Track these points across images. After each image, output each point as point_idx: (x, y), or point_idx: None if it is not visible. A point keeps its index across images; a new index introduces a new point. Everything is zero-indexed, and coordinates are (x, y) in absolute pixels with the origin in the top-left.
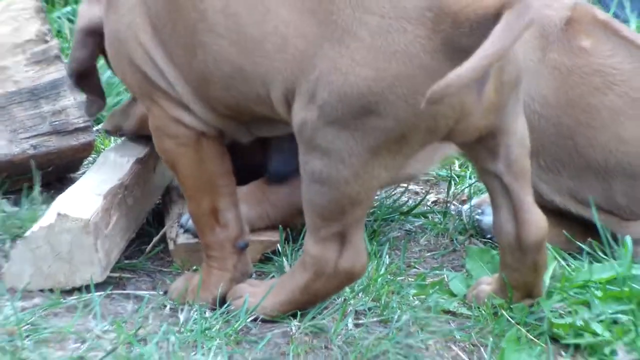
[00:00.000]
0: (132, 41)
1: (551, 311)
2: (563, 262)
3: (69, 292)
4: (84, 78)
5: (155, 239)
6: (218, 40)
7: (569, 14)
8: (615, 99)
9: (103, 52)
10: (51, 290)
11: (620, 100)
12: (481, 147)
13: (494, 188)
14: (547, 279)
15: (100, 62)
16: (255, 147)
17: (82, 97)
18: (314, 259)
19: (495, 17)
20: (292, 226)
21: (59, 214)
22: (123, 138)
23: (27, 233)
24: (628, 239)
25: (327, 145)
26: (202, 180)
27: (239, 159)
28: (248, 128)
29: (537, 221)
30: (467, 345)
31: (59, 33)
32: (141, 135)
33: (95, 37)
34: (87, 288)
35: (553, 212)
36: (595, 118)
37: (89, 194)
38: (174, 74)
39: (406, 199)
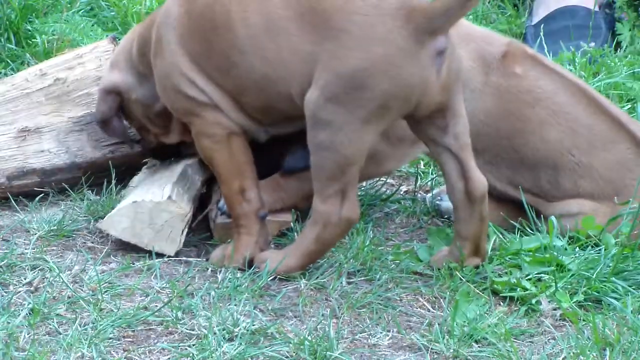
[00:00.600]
0: (177, 74)
1: (492, 272)
2: (500, 236)
3: (136, 258)
4: (106, 125)
5: (198, 218)
6: (247, 58)
7: (505, 48)
8: (540, 111)
9: (121, 108)
10: (123, 255)
11: (544, 112)
12: (435, 126)
13: (445, 158)
14: (489, 249)
15: None
16: (274, 149)
17: None
18: (322, 214)
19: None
20: (300, 209)
21: (169, 197)
22: None
23: (139, 200)
24: (553, 219)
25: (328, 117)
26: (232, 167)
27: (261, 158)
28: (266, 129)
29: (480, 179)
30: (431, 298)
31: None
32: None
33: (113, 96)
34: (150, 254)
35: (494, 198)
36: (526, 125)
37: (182, 193)
38: (212, 89)
39: (385, 189)
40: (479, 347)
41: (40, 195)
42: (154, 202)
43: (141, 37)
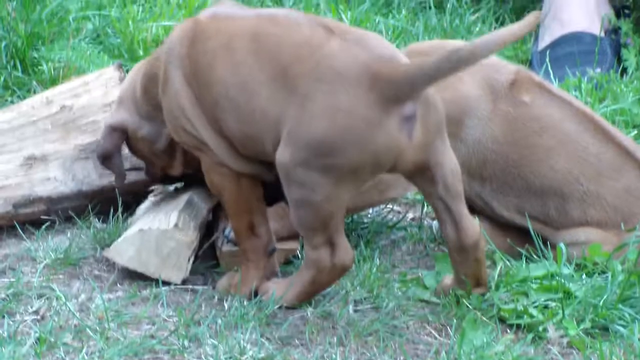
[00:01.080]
0: (181, 115)
1: (499, 299)
2: (507, 263)
3: (143, 286)
4: (107, 159)
5: (205, 246)
6: (227, 116)
7: (513, 77)
8: (548, 140)
9: (127, 142)
10: (130, 284)
11: (552, 140)
12: (423, 178)
13: (438, 207)
14: (495, 275)
15: None
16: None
17: None
18: (314, 261)
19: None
20: None
21: (175, 225)
22: None
23: (146, 228)
24: (562, 246)
25: (300, 179)
26: (241, 203)
27: (268, 190)
28: (270, 170)
29: (471, 228)
30: (438, 325)
31: None
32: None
33: (119, 133)
34: (157, 282)
35: (501, 225)
36: (534, 153)
37: (189, 221)
38: (211, 135)
39: (391, 216)
40: None
41: (47, 224)
42: (161, 230)
43: (145, 77)
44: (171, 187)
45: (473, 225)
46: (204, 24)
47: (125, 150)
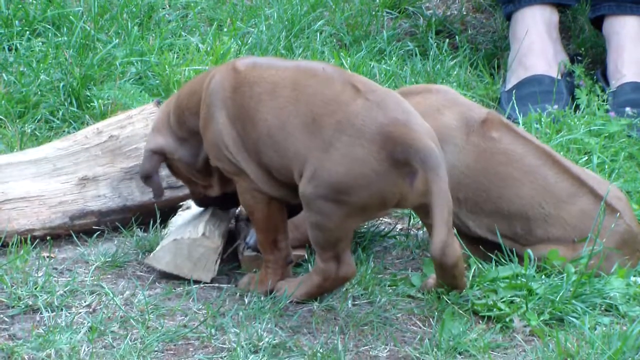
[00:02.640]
0: (223, 148)
1: (473, 296)
2: (480, 266)
3: (177, 284)
4: (148, 179)
5: (229, 251)
6: (267, 150)
7: (485, 116)
8: (513, 171)
9: (167, 164)
10: (166, 282)
11: (517, 172)
12: (420, 212)
13: (430, 229)
14: (469, 277)
15: None
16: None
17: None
18: (322, 271)
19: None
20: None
21: (203, 234)
22: None
23: (179, 238)
24: (529, 251)
25: (319, 208)
26: (269, 223)
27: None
28: (295, 196)
29: (454, 250)
30: (422, 317)
31: None
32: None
33: (158, 156)
34: (188, 281)
35: (476, 239)
36: (501, 181)
37: (214, 230)
38: (253, 168)
39: (383, 227)
40: (462, 358)
41: (98, 233)
42: (191, 238)
43: (177, 108)
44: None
45: (455, 250)
46: (245, 72)
47: (163, 172)
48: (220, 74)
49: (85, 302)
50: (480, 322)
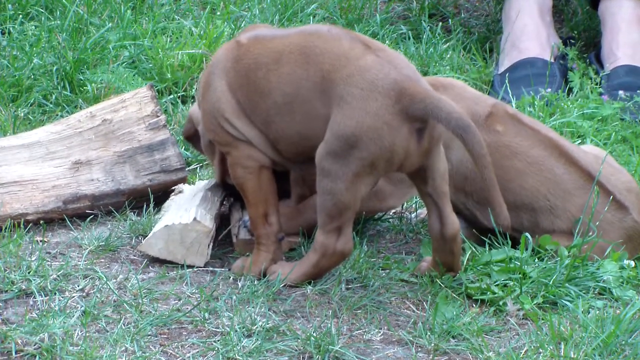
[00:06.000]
0: (220, 116)
1: (466, 279)
2: (474, 249)
3: (171, 268)
4: (189, 140)
5: (222, 234)
6: (284, 118)
7: (489, 109)
8: (518, 163)
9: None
10: (160, 266)
11: (521, 164)
12: (419, 177)
13: (427, 202)
14: (464, 261)
15: None
16: (283, 179)
17: (178, 149)
18: (321, 245)
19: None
20: (310, 233)
21: (194, 219)
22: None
23: (170, 224)
24: (527, 234)
25: (328, 167)
26: (259, 195)
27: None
28: (300, 166)
29: (453, 223)
30: (415, 301)
31: (165, 111)
32: None
33: (190, 122)
34: (182, 265)
35: (477, 228)
36: (506, 174)
37: (205, 214)
38: (254, 133)
39: None
40: (455, 341)
41: (91, 217)
42: (183, 224)
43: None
44: (187, 186)
45: (453, 222)
46: (248, 44)
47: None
48: (224, 48)
49: (78, 286)
50: (474, 305)
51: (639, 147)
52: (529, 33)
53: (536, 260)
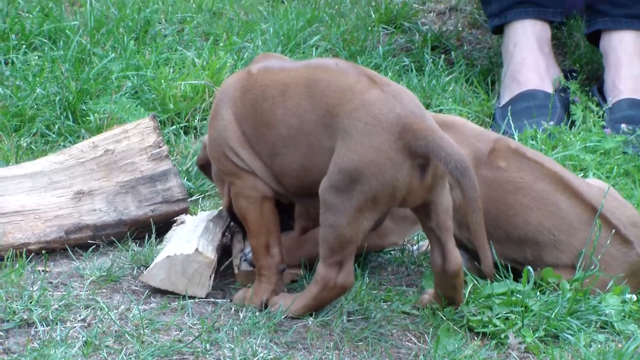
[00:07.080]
0: (226, 145)
1: (468, 312)
2: (476, 282)
3: (172, 299)
4: (201, 169)
5: (224, 265)
6: (289, 150)
7: (492, 145)
8: (522, 198)
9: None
10: (161, 297)
11: (525, 198)
12: (423, 212)
13: (430, 236)
14: (466, 293)
15: None
16: (285, 211)
17: (180, 180)
18: (322, 277)
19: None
20: (312, 265)
21: (196, 250)
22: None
23: (172, 254)
24: (529, 268)
25: (331, 201)
26: (261, 225)
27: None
28: (300, 198)
29: (455, 258)
30: (417, 333)
31: (168, 142)
32: None
33: (204, 149)
34: (183, 296)
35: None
36: (509, 209)
37: (207, 245)
38: (259, 164)
39: None
40: None
41: (93, 247)
42: (185, 254)
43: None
44: (189, 217)
45: (456, 257)
46: (257, 75)
47: (158, 186)
48: (235, 76)
49: (80, 316)
50: (476, 338)
51: None
52: (528, 65)
53: (538, 293)
